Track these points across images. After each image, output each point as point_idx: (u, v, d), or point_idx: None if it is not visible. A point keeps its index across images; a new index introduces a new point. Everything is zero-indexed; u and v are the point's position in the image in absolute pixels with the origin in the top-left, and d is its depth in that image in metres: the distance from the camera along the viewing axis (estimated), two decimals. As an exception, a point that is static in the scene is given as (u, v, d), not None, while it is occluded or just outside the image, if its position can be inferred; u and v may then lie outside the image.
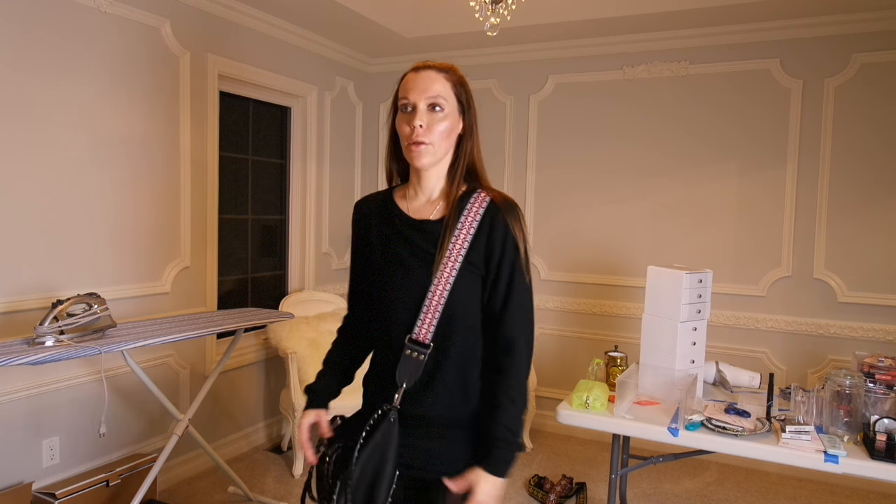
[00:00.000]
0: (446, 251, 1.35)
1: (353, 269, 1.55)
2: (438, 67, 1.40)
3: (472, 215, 1.38)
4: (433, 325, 1.34)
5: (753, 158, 3.67)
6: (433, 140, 1.35)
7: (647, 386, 2.41)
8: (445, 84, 1.38)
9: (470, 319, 1.38)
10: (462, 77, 1.43)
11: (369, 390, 1.46)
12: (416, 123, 1.34)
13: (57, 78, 2.66)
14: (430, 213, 1.42)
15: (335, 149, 4.35)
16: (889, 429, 1.92)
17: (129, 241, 3.00)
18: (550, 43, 4.08)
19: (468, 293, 1.36)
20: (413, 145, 1.35)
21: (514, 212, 1.40)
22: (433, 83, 1.37)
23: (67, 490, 2.59)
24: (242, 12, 3.46)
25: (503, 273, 1.38)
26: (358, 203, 1.54)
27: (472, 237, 1.36)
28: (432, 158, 1.37)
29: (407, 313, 1.36)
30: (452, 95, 1.39)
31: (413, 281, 1.36)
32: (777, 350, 3.66)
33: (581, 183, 4.11)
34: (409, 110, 1.37)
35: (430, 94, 1.35)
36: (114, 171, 2.91)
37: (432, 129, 1.35)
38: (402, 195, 1.47)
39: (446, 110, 1.37)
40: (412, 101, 1.36)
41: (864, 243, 3.45)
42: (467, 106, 1.42)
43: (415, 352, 1.34)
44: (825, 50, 3.49)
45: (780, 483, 3.53)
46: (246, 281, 3.89)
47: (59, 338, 2.23)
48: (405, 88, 1.39)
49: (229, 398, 3.64)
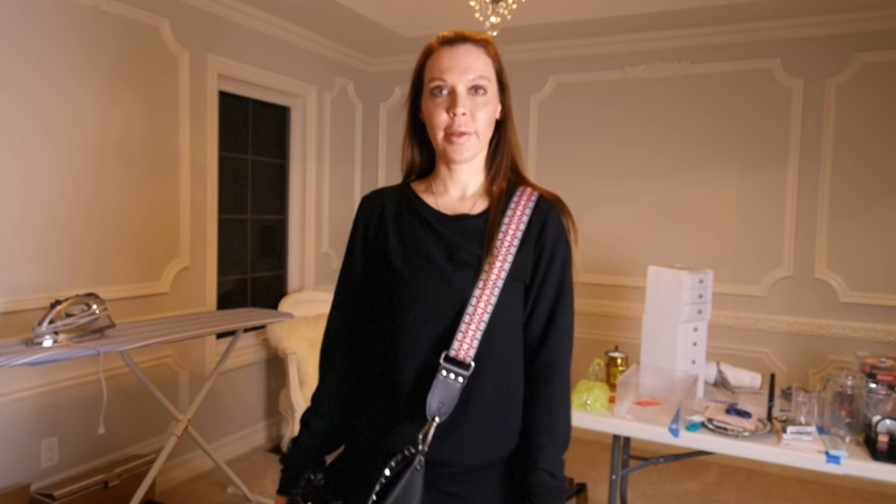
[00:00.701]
0: (495, 251, 1.12)
1: (349, 278, 1.25)
2: (476, 40, 1.17)
3: (520, 210, 1.17)
4: (476, 341, 1.09)
5: (754, 158, 3.66)
6: (478, 129, 1.15)
7: (648, 386, 2.40)
8: (487, 62, 1.17)
9: (514, 337, 1.17)
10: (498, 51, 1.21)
11: (369, 425, 1.16)
12: (459, 111, 1.12)
13: (56, 77, 2.65)
14: (467, 209, 1.20)
15: (335, 148, 4.34)
16: (891, 429, 1.91)
17: (129, 241, 3.00)
18: (550, 43, 4.07)
19: (514, 304, 1.15)
20: (454, 136, 1.13)
21: (567, 211, 1.21)
22: (475, 61, 1.15)
23: (66, 491, 2.59)
24: (242, 12, 3.45)
25: (550, 282, 1.18)
26: (368, 197, 1.28)
27: (521, 235, 1.15)
28: (475, 150, 1.17)
29: (442, 326, 1.10)
30: (495, 75, 1.18)
31: (451, 286, 1.11)
32: (778, 350, 3.65)
33: (581, 183, 4.10)
34: (444, 94, 1.14)
35: (472, 74, 1.14)
36: (113, 170, 2.91)
37: (476, 116, 1.14)
38: (425, 190, 1.23)
39: (489, 93, 1.16)
40: (450, 82, 1.13)
41: (865, 243, 3.44)
42: (507, 85, 1.21)
43: (452, 374, 1.07)
44: (826, 49, 3.48)
45: (782, 484, 3.52)
46: (245, 281, 3.88)
47: (58, 338, 2.23)
48: (439, 67, 1.15)
49: (229, 398, 3.63)
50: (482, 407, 1.10)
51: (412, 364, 1.10)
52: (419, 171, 1.27)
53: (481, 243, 1.14)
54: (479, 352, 1.09)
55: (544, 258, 1.17)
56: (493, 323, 1.10)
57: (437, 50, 1.17)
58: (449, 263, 1.13)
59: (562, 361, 1.18)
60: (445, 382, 1.07)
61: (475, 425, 1.10)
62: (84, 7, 2.74)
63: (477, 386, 1.09)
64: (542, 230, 1.17)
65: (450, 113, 1.13)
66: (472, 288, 1.11)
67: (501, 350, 1.13)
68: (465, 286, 1.11)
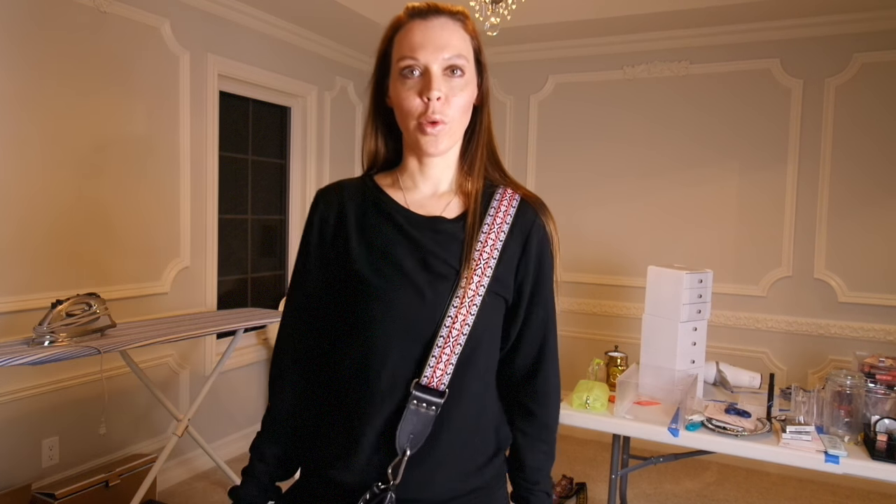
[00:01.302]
0: (472, 262, 0.99)
1: (303, 284, 1.08)
2: (452, 12, 1.01)
3: (500, 215, 1.03)
4: (451, 366, 0.96)
5: (754, 158, 3.67)
6: (454, 117, 0.99)
7: (648, 386, 2.41)
8: (465, 38, 1.01)
9: (491, 359, 1.05)
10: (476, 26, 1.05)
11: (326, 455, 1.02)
12: (433, 94, 0.96)
13: (56, 77, 2.65)
14: (441, 209, 1.05)
15: (335, 148, 4.34)
16: (890, 429, 1.92)
17: (129, 241, 3.00)
18: (550, 43, 4.07)
19: (493, 321, 1.02)
20: (428, 125, 0.97)
21: (550, 215, 1.08)
22: (451, 36, 0.98)
23: (67, 490, 2.59)
24: (242, 12, 3.46)
25: (540, 301, 1.05)
26: (324, 190, 1.10)
27: (501, 245, 1.01)
28: (451, 142, 1.02)
29: (414, 347, 0.97)
30: (472, 54, 1.02)
31: (425, 301, 0.97)
32: (777, 350, 3.65)
33: (581, 183, 4.11)
34: (415, 75, 0.98)
35: (448, 52, 0.97)
36: (113, 170, 2.91)
37: (451, 101, 0.98)
38: (391, 185, 1.08)
39: (467, 75, 1.00)
40: (423, 62, 0.97)
41: (864, 243, 3.45)
42: (485, 66, 1.06)
43: (424, 403, 0.95)
44: (826, 50, 3.49)
45: (781, 483, 3.52)
46: (246, 281, 3.89)
47: (59, 338, 2.23)
48: (409, 44, 0.98)
49: (229, 398, 3.64)
50: (457, 435, 0.99)
51: (377, 388, 0.97)
52: (383, 163, 1.11)
53: (458, 252, 1.00)
54: (454, 377, 0.96)
55: (531, 273, 1.04)
56: (470, 344, 0.97)
57: (406, 23, 1.00)
58: (422, 272, 0.98)
59: (557, 382, 1.09)
60: (416, 412, 0.95)
61: (449, 455, 0.98)
62: (84, 7, 2.74)
63: (452, 413, 0.97)
64: (527, 240, 1.04)
65: (423, 97, 0.96)
66: (448, 304, 0.97)
67: (478, 372, 1.01)
68: (439, 301, 0.97)
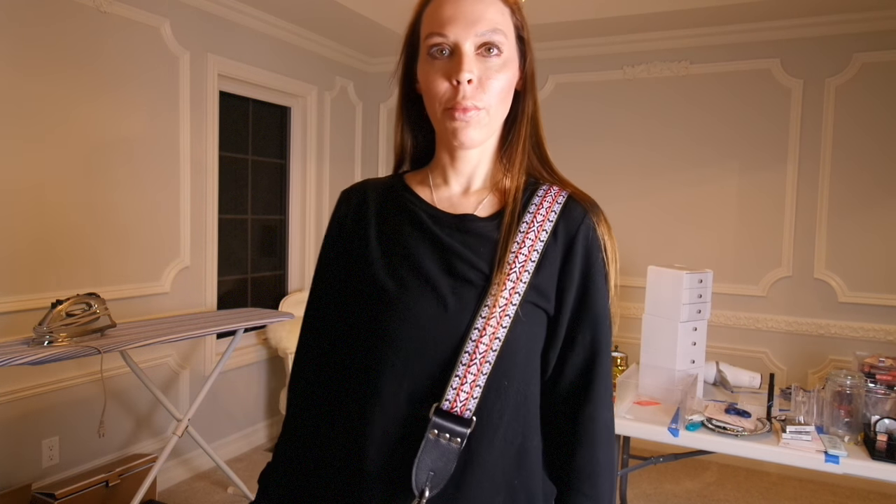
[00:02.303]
0: (507, 266, 0.83)
1: (322, 293, 0.98)
2: None
3: (542, 213, 0.88)
4: (478, 388, 0.80)
5: (754, 158, 3.67)
6: (489, 103, 0.85)
7: (648, 386, 2.41)
8: (504, 10, 0.87)
9: (531, 384, 0.87)
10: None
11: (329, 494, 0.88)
12: (464, 77, 0.82)
13: (56, 77, 2.65)
14: (472, 207, 0.90)
15: (335, 148, 4.35)
16: (890, 429, 1.92)
17: (129, 241, 3.00)
18: (550, 43, 4.07)
19: (532, 337, 0.86)
20: (458, 111, 0.83)
21: (605, 218, 0.93)
22: (486, 9, 0.84)
23: (67, 490, 2.59)
24: (242, 12, 3.46)
25: (588, 314, 0.90)
26: (348, 190, 0.97)
27: (542, 248, 0.86)
28: (486, 132, 0.87)
29: (433, 365, 0.81)
30: (514, 30, 0.88)
31: (447, 310, 0.82)
32: (777, 350, 3.65)
33: (581, 183, 4.03)
34: (445, 54, 0.84)
35: (483, 27, 0.83)
36: (113, 170, 2.91)
37: (487, 85, 0.84)
38: (420, 182, 0.95)
39: (505, 54, 0.86)
40: (453, 38, 0.83)
41: (864, 243, 3.45)
42: (529, 45, 0.92)
43: (446, 433, 0.78)
44: (826, 50, 3.48)
45: (781, 483, 3.52)
46: (246, 281, 3.89)
47: (59, 338, 2.23)
48: (438, 18, 0.85)
49: (229, 398, 3.64)
50: (489, 477, 0.81)
51: (389, 415, 0.81)
52: (416, 160, 0.98)
53: (490, 256, 0.84)
54: (482, 402, 0.80)
55: (575, 283, 0.88)
56: (503, 364, 0.81)
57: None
58: (446, 277, 0.83)
59: (609, 418, 0.89)
60: (437, 444, 0.78)
61: (479, 495, 0.81)
62: (84, 7, 2.74)
63: (480, 448, 0.80)
64: (573, 243, 0.88)
65: (452, 80, 0.83)
66: (475, 314, 0.81)
67: (513, 399, 0.83)
68: (465, 311, 0.82)
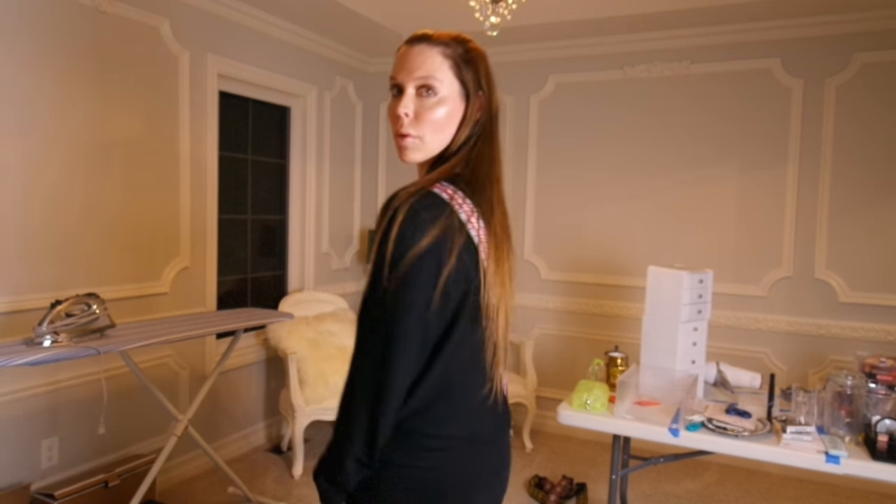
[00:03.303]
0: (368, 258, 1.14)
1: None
2: (436, 39, 1.14)
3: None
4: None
5: (754, 158, 3.66)
6: (423, 132, 1.12)
7: (648, 386, 2.40)
8: (442, 61, 1.13)
9: None
10: (473, 51, 1.16)
11: None
12: (401, 111, 1.12)
13: (56, 77, 2.65)
14: None
15: (335, 148, 4.34)
16: (890, 429, 1.91)
17: (129, 241, 3.00)
18: (550, 43, 4.07)
19: None
20: (398, 137, 1.14)
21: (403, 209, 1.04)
22: (426, 60, 1.12)
23: (66, 491, 2.59)
24: (242, 12, 3.45)
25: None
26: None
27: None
28: (421, 155, 1.15)
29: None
30: (451, 75, 1.13)
31: None
32: (778, 350, 3.65)
33: (581, 183, 4.10)
34: (396, 93, 1.15)
35: (419, 73, 1.12)
36: (113, 170, 2.91)
37: (422, 118, 1.12)
38: None
39: (440, 94, 1.12)
40: (399, 81, 1.14)
41: (865, 243, 3.44)
42: (474, 88, 1.15)
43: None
44: (826, 49, 3.48)
45: (781, 484, 3.52)
46: (245, 281, 3.88)
47: (58, 338, 2.23)
48: (394, 66, 1.16)
49: (229, 398, 3.63)
50: None
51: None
52: None
53: None
54: None
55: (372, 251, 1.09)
56: None
57: (399, 49, 1.17)
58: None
59: (356, 364, 1.08)
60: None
61: None
62: (84, 7, 2.74)
63: None
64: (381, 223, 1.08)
65: (395, 113, 1.13)
66: None
67: None
68: None
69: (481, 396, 1.14)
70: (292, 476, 3.38)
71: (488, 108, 1.17)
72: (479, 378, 1.14)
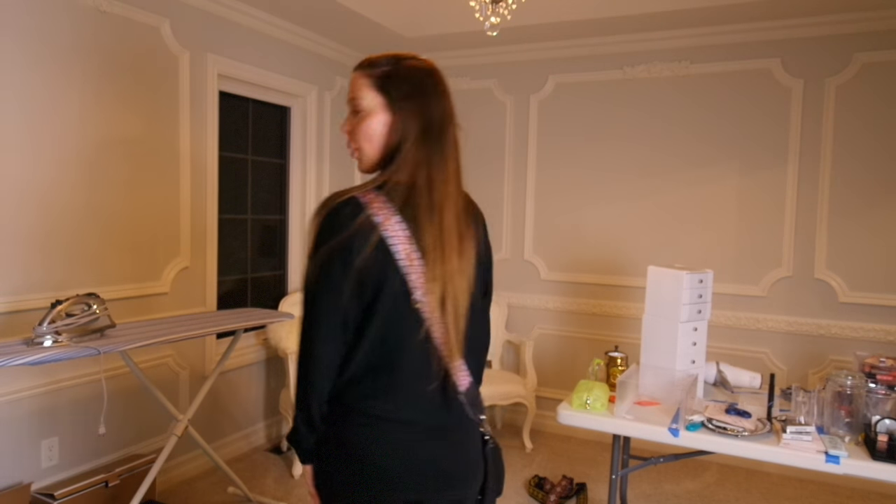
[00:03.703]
0: None
1: None
2: (362, 65, 1.29)
3: None
4: None
5: (754, 158, 3.66)
6: (359, 145, 1.30)
7: (648, 386, 2.40)
8: (364, 81, 1.27)
9: None
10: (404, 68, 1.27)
11: None
12: (343, 130, 1.32)
13: (56, 77, 2.65)
14: None
15: (335, 148, 4.34)
16: (890, 429, 1.91)
17: (129, 241, 3.00)
18: (550, 43, 4.07)
19: None
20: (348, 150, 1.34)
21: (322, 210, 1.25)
22: (353, 83, 1.30)
23: (66, 491, 2.59)
24: (242, 12, 3.45)
25: None
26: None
27: None
28: (365, 164, 1.32)
29: None
30: (372, 92, 1.26)
31: None
32: (778, 350, 3.65)
33: (581, 183, 4.10)
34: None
35: (349, 96, 1.30)
36: (113, 170, 2.91)
37: (355, 132, 1.30)
38: None
39: (363, 109, 1.27)
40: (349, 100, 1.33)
41: (865, 243, 3.44)
42: (399, 98, 1.25)
43: None
44: (826, 49, 3.48)
45: (781, 484, 3.52)
46: (245, 281, 3.88)
47: (58, 338, 2.23)
48: None
49: (229, 398, 3.64)
50: None
51: None
52: None
53: None
54: None
55: None
56: None
57: None
58: None
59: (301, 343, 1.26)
60: None
61: None
62: (84, 7, 2.74)
63: None
64: None
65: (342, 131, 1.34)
66: None
67: None
68: None
69: (427, 388, 1.23)
70: (292, 476, 3.38)
71: (424, 114, 1.24)
72: (422, 369, 1.23)
